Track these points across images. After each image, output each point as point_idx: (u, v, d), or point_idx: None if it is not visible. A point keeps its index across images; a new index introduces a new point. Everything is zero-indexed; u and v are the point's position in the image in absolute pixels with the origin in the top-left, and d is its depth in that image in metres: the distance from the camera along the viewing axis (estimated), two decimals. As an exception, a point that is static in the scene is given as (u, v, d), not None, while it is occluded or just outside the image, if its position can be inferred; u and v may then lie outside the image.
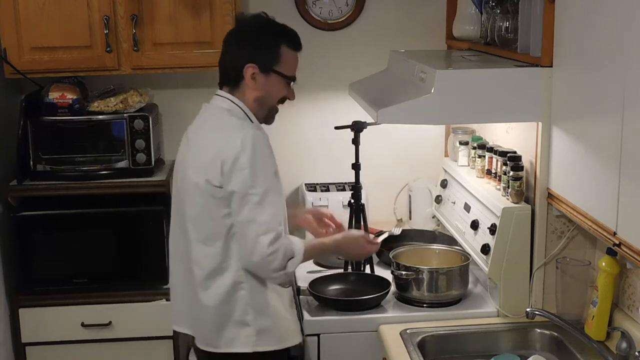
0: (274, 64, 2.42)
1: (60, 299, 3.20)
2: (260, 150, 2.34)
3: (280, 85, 2.45)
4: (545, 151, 2.55)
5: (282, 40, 2.44)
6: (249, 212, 2.32)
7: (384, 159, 3.64)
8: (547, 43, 2.46)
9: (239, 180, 2.31)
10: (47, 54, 3.15)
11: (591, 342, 2.35)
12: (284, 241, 2.35)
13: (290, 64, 2.46)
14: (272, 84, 2.43)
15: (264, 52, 2.42)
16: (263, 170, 2.33)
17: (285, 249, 2.34)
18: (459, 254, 2.92)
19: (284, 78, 2.44)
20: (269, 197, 2.32)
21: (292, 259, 2.37)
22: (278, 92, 2.46)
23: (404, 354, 2.46)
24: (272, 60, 2.42)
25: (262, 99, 2.44)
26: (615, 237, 2.07)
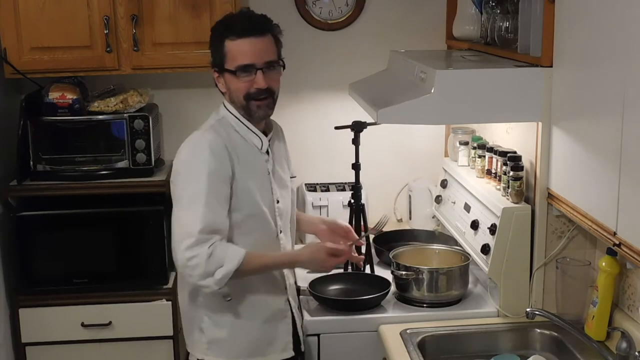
0: (223, 63, 2.39)
1: (60, 299, 3.20)
2: (195, 152, 2.32)
3: (234, 81, 2.38)
4: (545, 151, 2.55)
5: (224, 35, 2.38)
6: (175, 213, 2.33)
7: (384, 159, 3.64)
8: (547, 43, 2.46)
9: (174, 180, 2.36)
10: (47, 54, 3.15)
11: (591, 342, 2.35)
12: (210, 248, 2.24)
13: (237, 55, 2.35)
14: (229, 82, 2.40)
15: (214, 55, 2.42)
16: (194, 171, 2.30)
17: (210, 256, 2.24)
18: (459, 254, 2.92)
19: (232, 74, 2.37)
20: (197, 201, 2.27)
21: (221, 267, 2.26)
22: (237, 87, 2.39)
23: (404, 354, 2.46)
24: (221, 60, 2.39)
25: (231, 98, 2.43)
26: (615, 237, 2.07)
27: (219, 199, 2.31)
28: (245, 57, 2.35)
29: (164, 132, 3.55)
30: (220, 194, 2.32)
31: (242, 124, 2.44)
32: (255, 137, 2.46)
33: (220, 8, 3.16)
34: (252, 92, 2.38)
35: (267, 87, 2.38)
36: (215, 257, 2.26)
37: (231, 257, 2.28)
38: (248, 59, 2.35)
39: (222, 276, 2.27)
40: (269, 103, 2.42)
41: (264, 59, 2.37)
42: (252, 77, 2.37)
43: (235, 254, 2.29)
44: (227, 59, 2.37)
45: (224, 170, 2.33)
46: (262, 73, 2.36)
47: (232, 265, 2.27)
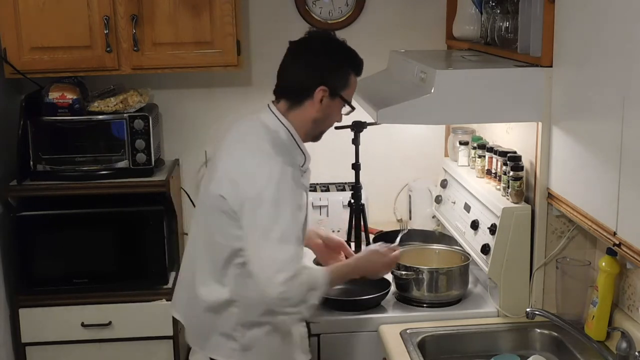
0: (341, 89, 2.37)
1: (60, 299, 3.21)
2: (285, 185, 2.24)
3: (339, 110, 2.41)
4: (545, 151, 2.55)
5: (352, 66, 2.40)
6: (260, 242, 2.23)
7: (384, 159, 3.64)
8: (547, 43, 2.46)
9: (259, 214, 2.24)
10: (47, 54, 3.15)
11: (591, 342, 2.35)
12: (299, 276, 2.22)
13: (353, 90, 2.42)
14: (334, 108, 2.39)
15: (336, 76, 2.37)
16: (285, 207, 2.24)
17: (301, 284, 2.23)
18: (459, 254, 2.92)
19: (347, 104, 2.40)
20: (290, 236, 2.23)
21: (313, 291, 2.26)
22: (336, 116, 2.42)
23: (404, 354, 2.46)
24: (341, 85, 2.37)
25: (320, 121, 2.39)
26: (615, 237, 2.07)
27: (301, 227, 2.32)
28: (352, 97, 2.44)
29: (164, 132, 3.55)
30: (302, 223, 2.32)
31: (294, 141, 2.39)
32: (301, 154, 2.42)
33: (220, 8, 3.16)
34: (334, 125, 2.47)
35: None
36: (305, 284, 2.24)
37: (319, 279, 2.30)
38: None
39: (316, 300, 2.28)
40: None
41: None
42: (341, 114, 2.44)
43: (321, 275, 2.32)
44: (346, 89, 2.39)
45: (303, 200, 2.33)
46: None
47: (323, 287, 2.30)
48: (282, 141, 2.35)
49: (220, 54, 3.19)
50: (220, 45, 3.19)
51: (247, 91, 3.53)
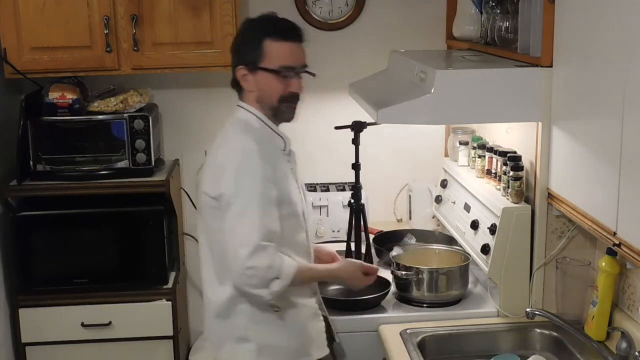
0: (258, 61, 2.36)
1: (60, 299, 3.21)
2: (249, 159, 2.29)
3: (272, 81, 2.37)
4: (545, 151, 2.55)
5: (264, 34, 2.36)
6: (228, 220, 2.27)
7: (384, 159, 3.64)
8: (547, 43, 2.46)
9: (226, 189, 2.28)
10: (47, 54, 3.15)
11: (591, 342, 2.35)
12: (268, 259, 2.24)
13: (277, 56, 2.36)
14: (262, 81, 2.38)
15: (247, 50, 2.38)
16: (248, 179, 2.27)
17: (269, 267, 2.23)
18: (459, 254, 2.92)
19: (271, 72, 2.36)
20: (253, 208, 2.25)
21: (278, 279, 2.25)
22: (271, 88, 2.38)
23: (404, 354, 2.46)
24: (256, 57, 2.37)
25: (260, 98, 2.40)
26: (615, 237, 2.07)
27: (272, 203, 2.30)
28: (288, 59, 2.38)
29: (164, 132, 3.55)
30: (272, 197, 2.31)
31: (266, 125, 2.42)
32: (279, 138, 2.45)
33: (220, 8, 3.16)
34: (286, 95, 2.40)
35: (299, 92, 2.43)
36: (273, 269, 2.24)
37: (287, 270, 2.27)
38: (290, 61, 2.38)
39: (278, 289, 2.27)
40: (296, 107, 2.45)
41: (302, 65, 2.42)
42: (289, 80, 2.39)
43: (290, 267, 2.29)
44: (265, 58, 2.36)
45: (270, 174, 2.32)
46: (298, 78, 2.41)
47: (288, 279, 2.27)
48: (252, 126, 2.40)
49: (220, 54, 3.19)
50: (220, 45, 3.19)
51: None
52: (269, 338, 2.40)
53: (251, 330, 2.38)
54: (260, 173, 2.28)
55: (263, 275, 2.23)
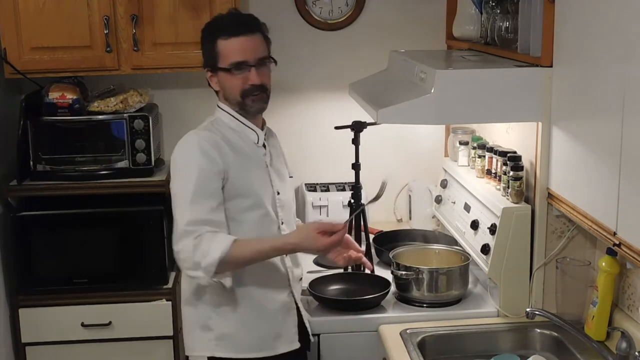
0: (217, 62, 2.44)
1: (60, 299, 3.20)
2: (186, 152, 2.41)
3: (229, 79, 2.44)
4: (545, 151, 2.55)
5: (216, 35, 2.44)
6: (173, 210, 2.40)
7: (384, 159, 3.64)
8: (547, 43, 2.46)
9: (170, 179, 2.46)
10: (47, 54, 3.15)
11: (591, 342, 2.35)
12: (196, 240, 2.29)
13: (228, 54, 2.42)
14: (223, 80, 2.46)
15: (206, 55, 2.48)
16: (183, 170, 2.39)
17: (196, 247, 2.28)
18: (459, 254, 2.92)
19: (226, 71, 2.43)
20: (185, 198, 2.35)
21: (207, 256, 2.28)
22: (231, 85, 2.45)
23: (404, 354, 2.46)
24: (214, 59, 2.45)
25: (226, 96, 2.48)
26: (615, 237, 2.07)
27: (207, 194, 2.36)
28: (238, 55, 2.42)
29: (164, 132, 3.55)
30: (209, 189, 2.37)
31: (237, 120, 2.50)
32: (251, 131, 2.51)
33: (220, 8, 3.16)
34: (246, 89, 2.44)
35: (261, 83, 2.44)
36: (201, 248, 2.29)
37: (217, 245, 2.29)
38: (241, 56, 2.42)
39: (207, 264, 2.28)
40: (263, 98, 2.48)
41: (256, 56, 2.44)
42: (246, 73, 2.43)
43: (222, 242, 2.30)
44: (220, 57, 2.44)
45: (213, 167, 2.38)
46: (256, 70, 2.43)
47: (217, 253, 2.28)
48: (222, 122, 2.49)
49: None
50: (220, 45, 3.19)
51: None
52: (229, 328, 2.44)
53: (213, 319, 2.44)
54: (197, 166, 2.36)
55: (191, 257, 2.30)
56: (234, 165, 2.41)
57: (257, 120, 2.54)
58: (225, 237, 2.33)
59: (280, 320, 2.50)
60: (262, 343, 2.47)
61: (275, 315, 2.49)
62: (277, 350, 2.48)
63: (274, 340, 2.49)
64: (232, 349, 2.45)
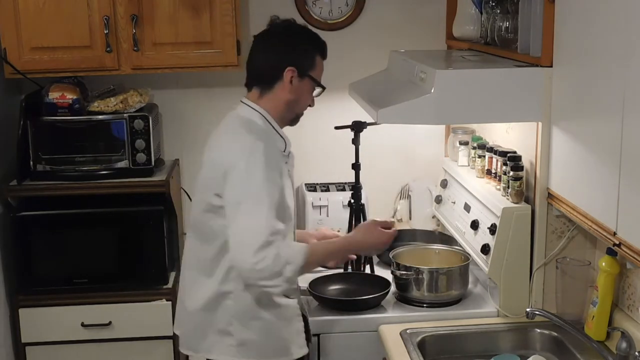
0: (309, 70, 2.46)
1: (60, 299, 3.20)
2: (256, 159, 2.31)
3: (310, 91, 2.49)
4: (545, 151, 2.55)
5: (317, 48, 2.50)
6: (239, 219, 2.30)
7: (384, 159, 3.64)
8: (547, 43, 2.46)
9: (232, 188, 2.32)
10: (47, 54, 3.15)
11: (591, 342, 2.35)
12: (276, 249, 2.27)
13: (320, 72, 2.51)
14: (304, 88, 2.47)
15: (303, 56, 2.46)
16: (256, 178, 2.30)
17: (277, 256, 2.26)
18: (459, 254, 2.92)
19: (316, 84, 2.48)
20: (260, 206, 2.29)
21: (289, 264, 2.29)
22: (307, 97, 2.50)
23: (404, 354, 2.46)
24: (309, 65, 2.46)
25: (293, 103, 2.47)
26: (615, 237, 2.07)
27: (276, 204, 2.34)
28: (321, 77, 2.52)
29: (164, 132, 3.55)
30: (276, 198, 2.34)
31: (271, 126, 2.46)
32: (280, 139, 2.49)
33: (220, 8, 3.16)
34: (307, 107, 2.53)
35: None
36: (282, 257, 2.28)
37: (296, 253, 2.33)
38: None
39: (292, 274, 2.31)
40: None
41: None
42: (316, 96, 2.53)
43: (299, 249, 2.37)
44: (314, 69, 2.48)
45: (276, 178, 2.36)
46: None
47: (300, 261, 2.32)
48: (258, 127, 2.43)
49: (220, 54, 3.19)
50: (220, 45, 3.19)
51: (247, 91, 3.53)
52: (250, 335, 2.43)
53: (234, 325, 2.42)
54: (268, 174, 2.32)
55: (271, 267, 2.26)
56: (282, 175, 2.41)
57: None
58: (299, 245, 2.41)
59: (293, 326, 2.50)
60: (281, 348, 2.47)
61: (289, 320, 2.49)
62: (293, 356, 2.48)
63: (290, 345, 2.49)
64: (253, 354, 2.44)
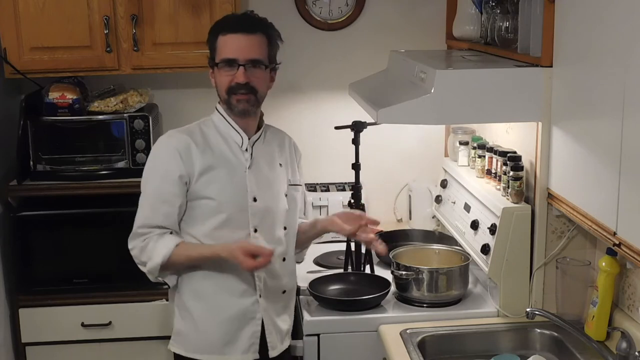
0: (214, 58, 2.45)
1: (60, 299, 3.21)
2: (155, 153, 2.50)
3: (220, 75, 2.43)
4: (545, 151, 2.54)
5: (219, 30, 2.43)
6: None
7: (384, 159, 3.64)
8: (547, 43, 2.46)
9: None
10: (47, 54, 3.15)
11: (591, 342, 2.35)
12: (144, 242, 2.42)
13: (223, 50, 2.41)
14: (216, 76, 2.47)
15: (210, 50, 2.47)
16: (149, 171, 2.49)
17: (143, 249, 2.42)
18: (459, 254, 2.92)
19: (217, 66, 2.43)
20: (144, 200, 2.48)
21: (150, 260, 2.42)
22: (220, 81, 2.45)
23: (404, 354, 2.46)
24: (212, 55, 2.46)
25: (218, 93, 2.49)
26: (615, 237, 2.07)
27: (164, 199, 2.44)
28: (229, 52, 2.40)
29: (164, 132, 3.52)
30: (167, 193, 2.43)
31: (225, 120, 2.51)
32: (236, 134, 2.50)
33: (220, 8, 3.16)
34: (232, 86, 2.42)
35: (247, 82, 2.40)
36: (147, 250, 2.42)
37: (160, 250, 2.41)
38: (231, 53, 2.40)
39: (151, 268, 2.43)
40: (250, 99, 2.44)
41: (248, 56, 2.40)
42: (234, 71, 2.41)
43: (165, 246, 2.41)
44: (216, 53, 2.44)
45: (176, 170, 2.42)
46: (245, 69, 2.40)
47: (159, 258, 2.40)
48: (209, 122, 2.52)
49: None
50: (220, 45, 3.19)
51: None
52: (183, 325, 2.52)
53: (177, 315, 2.54)
54: (160, 168, 2.46)
55: (138, 257, 2.45)
56: (202, 168, 2.43)
57: (247, 123, 2.50)
58: (168, 241, 2.43)
59: (235, 328, 2.48)
60: (211, 346, 2.48)
61: (232, 321, 2.47)
62: (227, 357, 2.48)
63: (224, 346, 2.48)
64: (182, 346, 2.53)
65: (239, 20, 2.45)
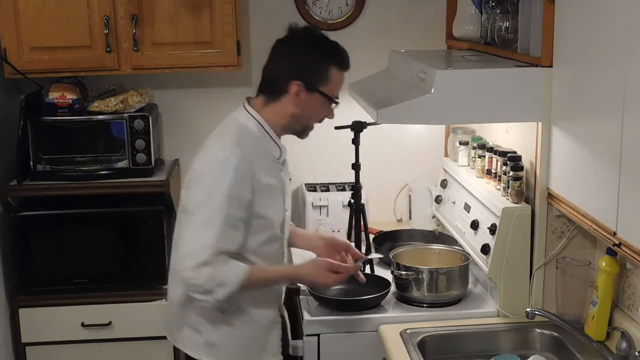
0: (320, 84, 2.37)
1: (60, 299, 3.21)
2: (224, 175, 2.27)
3: (321, 105, 2.41)
4: (545, 151, 2.55)
5: (333, 61, 2.39)
6: (185, 224, 2.31)
7: (384, 159, 3.64)
8: (547, 43, 2.46)
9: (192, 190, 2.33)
10: (47, 54, 3.15)
11: (591, 342, 2.36)
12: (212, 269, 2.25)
13: (336, 85, 2.41)
14: (313, 103, 2.39)
15: (313, 71, 2.37)
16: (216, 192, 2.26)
17: (211, 276, 2.24)
18: (459, 254, 2.92)
19: (327, 99, 2.40)
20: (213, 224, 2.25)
21: (222, 287, 2.27)
22: (317, 111, 2.42)
23: (404, 354, 2.46)
24: (320, 80, 2.37)
25: (299, 116, 2.41)
26: (615, 237, 2.07)
27: (234, 224, 2.30)
28: (339, 90, 2.44)
29: (164, 132, 3.55)
30: (236, 218, 2.30)
31: (267, 134, 2.42)
32: (276, 147, 2.45)
33: (220, 8, 3.16)
34: (321, 121, 2.46)
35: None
36: (216, 278, 2.26)
37: (233, 277, 2.28)
38: (340, 91, 2.44)
39: (223, 297, 2.29)
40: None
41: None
42: (332, 110, 2.45)
43: (237, 273, 2.29)
44: (327, 84, 2.38)
45: (244, 195, 2.30)
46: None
47: (234, 286, 2.28)
48: (250, 131, 2.39)
49: (220, 54, 3.19)
50: (220, 45, 3.19)
51: (247, 91, 3.48)
52: (218, 337, 2.43)
53: (203, 325, 2.43)
54: (232, 192, 2.27)
55: (204, 284, 2.26)
56: (260, 189, 2.34)
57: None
58: (238, 269, 2.30)
59: (266, 333, 2.50)
60: (249, 355, 2.48)
61: (263, 328, 2.49)
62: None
63: (259, 351, 2.49)
64: (221, 357, 2.45)
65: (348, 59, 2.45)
